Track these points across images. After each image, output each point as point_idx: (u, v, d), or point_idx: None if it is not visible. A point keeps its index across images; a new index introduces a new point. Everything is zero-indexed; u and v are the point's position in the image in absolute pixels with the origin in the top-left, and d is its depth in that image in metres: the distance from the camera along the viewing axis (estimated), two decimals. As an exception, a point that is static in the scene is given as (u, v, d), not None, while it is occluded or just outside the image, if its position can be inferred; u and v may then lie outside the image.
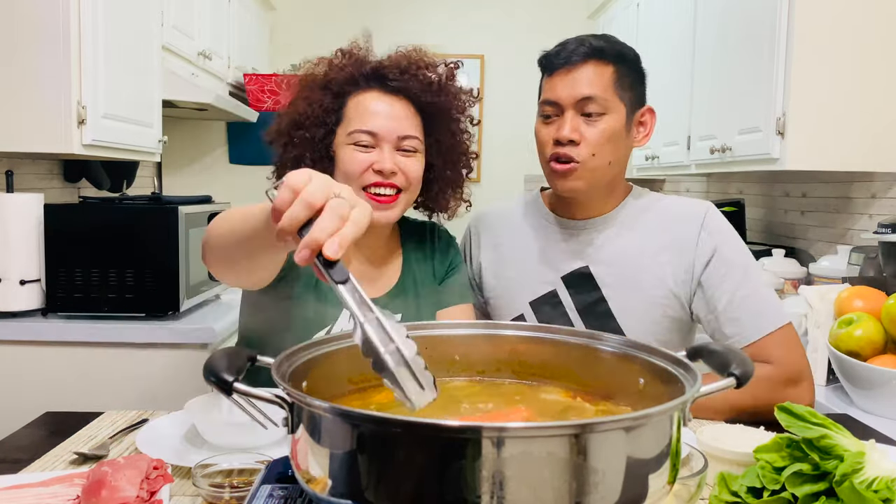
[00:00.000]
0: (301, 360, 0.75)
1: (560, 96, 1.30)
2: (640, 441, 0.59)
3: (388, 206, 1.25)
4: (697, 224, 1.34)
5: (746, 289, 1.30)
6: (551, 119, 1.33)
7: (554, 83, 1.32)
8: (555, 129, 1.31)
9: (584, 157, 1.30)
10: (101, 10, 2.07)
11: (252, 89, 3.50)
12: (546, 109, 1.33)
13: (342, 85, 1.28)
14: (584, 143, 1.29)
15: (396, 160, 1.25)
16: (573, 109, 1.30)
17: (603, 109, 1.29)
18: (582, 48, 1.30)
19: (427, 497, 0.56)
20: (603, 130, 1.29)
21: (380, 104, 1.26)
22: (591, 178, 1.32)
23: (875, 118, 2.03)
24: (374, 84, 1.28)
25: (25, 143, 2.00)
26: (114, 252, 2.07)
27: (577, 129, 1.29)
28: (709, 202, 1.41)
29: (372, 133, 1.24)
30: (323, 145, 1.28)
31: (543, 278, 1.40)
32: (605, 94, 1.29)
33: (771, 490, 0.82)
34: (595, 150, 1.30)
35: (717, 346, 0.74)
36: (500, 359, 0.89)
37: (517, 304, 1.42)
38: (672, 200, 1.42)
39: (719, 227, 1.35)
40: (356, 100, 1.28)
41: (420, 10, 4.40)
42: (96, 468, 0.89)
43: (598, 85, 1.29)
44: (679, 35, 2.93)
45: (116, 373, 2.05)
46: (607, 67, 1.30)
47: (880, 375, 1.46)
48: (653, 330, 1.34)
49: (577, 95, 1.29)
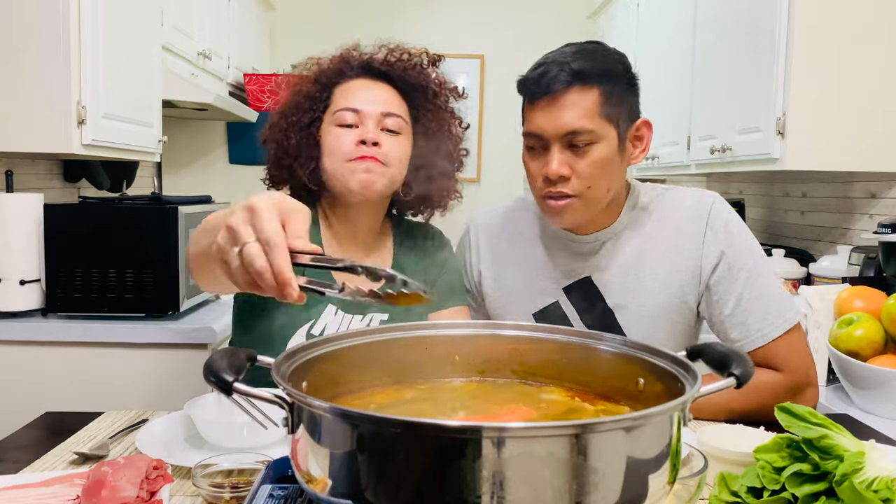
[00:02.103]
0: (301, 360, 0.75)
1: (544, 130, 1.20)
2: (640, 441, 0.59)
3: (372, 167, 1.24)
4: (703, 222, 1.29)
5: (753, 291, 1.25)
6: (537, 151, 1.24)
7: (535, 115, 1.22)
8: (542, 163, 1.23)
9: (578, 190, 1.22)
10: (101, 10, 2.07)
11: (252, 89, 3.50)
12: (530, 142, 1.25)
13: (330, 76, 1.32)
14: (575, 177, 1.21)
15: (379, 136, 1.26)
16: (559, 143, 1.20)
17: (591, 139, 1.19)
18: (563, 74, 1.19)
19: (427, 497, 0.56)
20: (594, 161, 1.20)
21: (365, 87, 1.30)
22: (587, 210, 1.25)
23: (875, 118, 2.03)
24: (360, 73, 1.32)
25: (25, 143, 2.00)
26: (114, 252, 2.07)
27: (566, 163, 1.20)
28: (715, 194, 1.34)
29: (355, 110, 1.27)
30: (309, 131, 1.30)
31: (545, 289, 1.36)
32: (592, 124, 1.19)
33: (771, 490, 0.82)
34: (589, 183, 1.21)
35: (718, 345, 0.74)
36: (500, 359, 0.89)
37: (519, 316, 1.37)
38: (675, 194, 1.35)
39: (726, 223, 1.29)
40: (342, 87, 1.31)
41: (420, 11, 4.40)
42: (96, 468, 0.89)
43: (584, 115, 1.19)
44: (679, 35, 2.93)
45: (116, 373, 2.05)
46: (592, 91, 1.19)
47: (880, 375, 1.46)
48: (660, 336, 1.30)
49: (562, 130, 1.19)
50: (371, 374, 0.84)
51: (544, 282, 1.37)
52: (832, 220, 2.49)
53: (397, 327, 0.88)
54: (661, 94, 3.11)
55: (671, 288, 1.30)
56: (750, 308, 1.26)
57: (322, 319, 1.28)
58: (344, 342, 0.81)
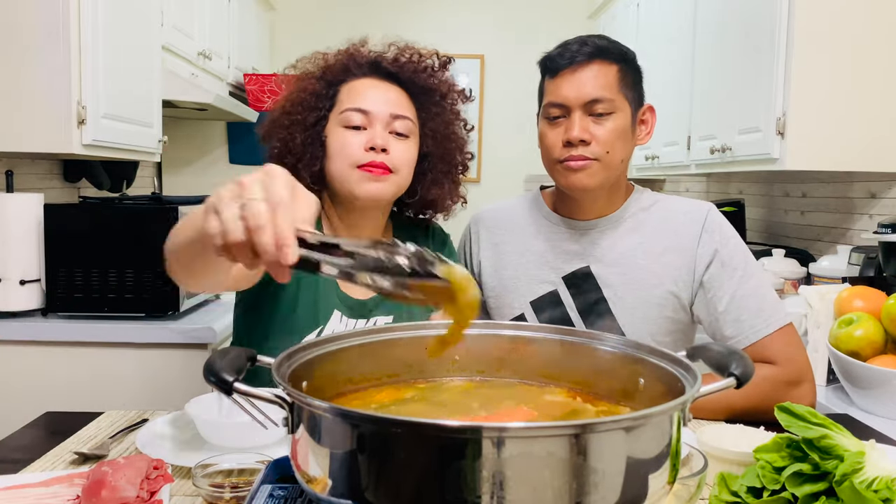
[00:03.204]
0: (301, 360, 0.75)
1: (567, 97, 1.29)
2: (640, 441, 0.59)
3: (380, 178, 1.21)
4: (699, 225, 1.34)
5: (747, 288, 1.30)
6: (558, 121, 1.31)
7: (559, 84, 1.30)
8: (563, 130, 1.30)
9: (598, 153, 1.29)
10: (101, 10, 2.07)
11: (252, 89, 3.50)
12: (552, 111, 1.32)
13: (336, 74, 1.29)
14: (595, 142, 1.29)
15: (388, 140, 1.23)
16: (581, 110, 1.29)
17: (611, 109, 1.29)
18: (585, 48, 1.29)
19: (427, 497, 0.56)
20: (612, 129, 1.29)
21: (373, 87, 1.26)
22: (604, 175, 1.31)
23: (875, 118, 2.03)
24: (367, 72, 1.28)
25: (25, 143, 2.00)
26: (114, 252, 2.07)
27: (587, 129, 1.29)
28: (710, 203, 1.41)
29: (364, 111, 1.23)
30: (314, 130, 1.27)
31: (544, 278, 1.40)
32: (612, 94, 1.29)
33: (771, 490, 0.82)
34: (608, 148, 1.29)
35: (718, 345, 0.74)
36: (500, 359, 0.89)
37: (517, 304, 1.41)
38: (673, 200, 1.42)
39: (720, 227, 1.35)
40: (349, 86, 1.28)
41: (420, 10, 4.40)
42: (96, 468, 0.89)
43: (605, 85, 1.29)
44: (679, 35, 2.94)
45: (116, 373, 2.05)
46: (612, 67, 1.30)
47: (880, 375, 1.46)
48: (652, 331, 1.34)
49: (585, 97, 1.28)
50: (371, 374, 0.84)
51: (543, 271, 1.40)
52: (832, 220, 2.49)
53: (397, 327, 0.88)
54: (662, 94, 3.10)
55: (666, 284, 1.34)
56: (744, 305, 1.29)
57: (329, 327, 1.26)
58: (344, 342, 0.82)
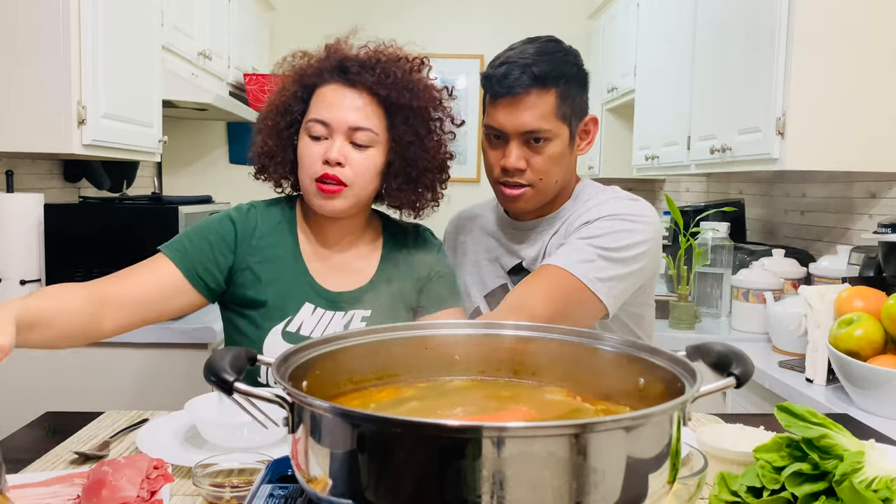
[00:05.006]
0: (301, 360, 0.75)
1: (504, 126, 1.31)
2: (640, 441, 0.59)
3: (332, 195, 1.25)
4: (595, 214, 1.34)
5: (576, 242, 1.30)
6: (497, 142, 1.35)
7: (497, 111, 1.32)
8: (501, 154, 1.34)
9: (532, 180, 1.33)
10: (101, 10, 2.07)
11: (252, 89, 3.50)
12: (491, 133, 1.35)
13: (311, 77, 1.30)
14: (530, 170, 1.33)
15: (346, 152, 1.24)
16: (518, 139, 1.31)
17: (548, 136, 1.31)
18: (524, 78, 1.29)
19: (427, 497, 0.56)
20: (549, 156, 1.32)
21: (338, 95, 1.26)
22: (539, 198, 1.37)
23: (875, 118, 2.03)
24: (336, 76, 1.28)
25: (25, 143, 2.00)
26: (114, 252, 2.06)
27: (523, 157, 1.32)
28: (617, 202, 1.37)
29: (324, 122, 1.25)
30: (288, 134, 1.30)
31: (496, 274, 1.46)
32: (549, 124, 1.30)
33: (771, 490, 0.82)
34: (542, 175, 1.33)
35: (718, 345, 0.74)
36: (500, 359, 0.89)
37: (473, 300, 1.47)
38: (609, 197, 1.39)
39: (601, 216, 1.33)
40: (319, 91, 1.28)
41: (419, 10, 4.40)
42: (96, 468, 0.89)
43: (542, 115, 1.30)
44: (679, 35, 2.93)
45: (116, 373, 2.05)
46: (550, 94, 1.30)
47: (880, 375, 1.46)
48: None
49: (521, 128, 1.30)
50: (371, 373, 0.85)
51: (494, 267, 1.47)
52: (832, 220, 2.49)
53: (397, 327, 0.88)
54: (662, 94, 3.11)
55: None
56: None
57: (299, 317, 1.29)
58: (344, 342, 0.82)
